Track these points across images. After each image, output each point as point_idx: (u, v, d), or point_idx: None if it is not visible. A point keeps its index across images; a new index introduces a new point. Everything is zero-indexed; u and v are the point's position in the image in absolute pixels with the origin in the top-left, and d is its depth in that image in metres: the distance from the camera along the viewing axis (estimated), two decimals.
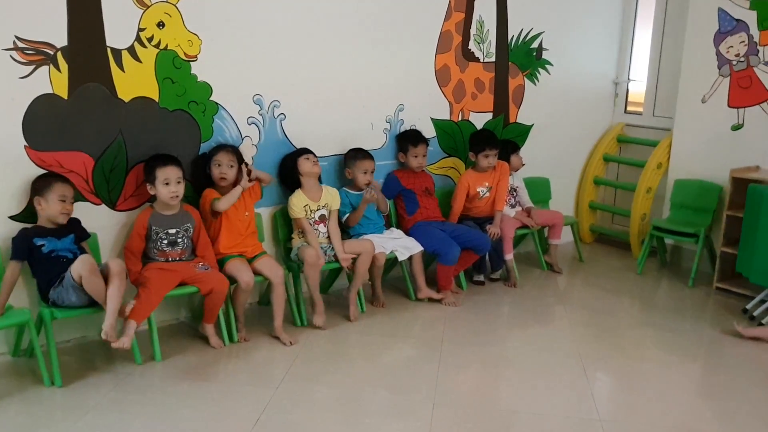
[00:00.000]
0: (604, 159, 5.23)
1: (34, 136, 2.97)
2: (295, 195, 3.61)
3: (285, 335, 3.33)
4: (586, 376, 3.10)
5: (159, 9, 3.19)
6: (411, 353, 3.33)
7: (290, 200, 3.59)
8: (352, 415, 2.72)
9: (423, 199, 4.13)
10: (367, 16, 3.90)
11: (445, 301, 3.92)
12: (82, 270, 2.76)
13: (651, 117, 5.09)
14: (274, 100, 3.63)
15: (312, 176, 3.63)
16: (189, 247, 3.27)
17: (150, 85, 3.23)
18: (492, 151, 4.18)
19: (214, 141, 3.45)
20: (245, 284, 3.25)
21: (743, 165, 4.23)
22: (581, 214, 5.26)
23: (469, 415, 2.74)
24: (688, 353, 3.39)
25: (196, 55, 3.33)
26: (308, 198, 3.61)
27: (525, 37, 4.65)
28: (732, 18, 4.35)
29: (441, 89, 4.34)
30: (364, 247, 3.64)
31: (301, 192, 3.61)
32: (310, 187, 3.63)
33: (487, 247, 4.10)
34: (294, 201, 3.58)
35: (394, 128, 4.17)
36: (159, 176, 3.11)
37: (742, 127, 4.38)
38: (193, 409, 2.70)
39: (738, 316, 3.81)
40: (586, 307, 4.04)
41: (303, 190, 3.62)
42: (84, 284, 2.77)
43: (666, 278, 4.59)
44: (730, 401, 2.92)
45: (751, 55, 4.29)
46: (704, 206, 4.46)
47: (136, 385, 2.89)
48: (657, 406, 2.85)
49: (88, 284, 2.77)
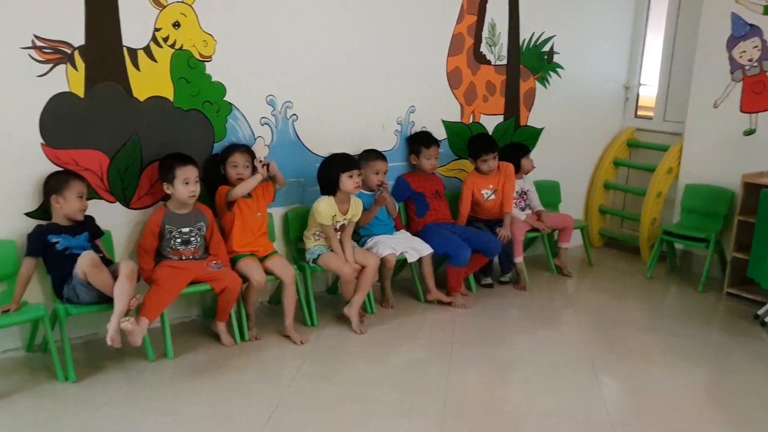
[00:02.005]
0: (614, 163, 5.23)
1: (51, 133, 3.01)
2: (325, 202, 3.52)
3: (296, 334, 3.34)
4: (596, 379, 3.10)
5: (175, 9, 3.22)
6: (420, 354, 3.34)
7: (318, 205, 3.51)
8: (361, 414, 2.73)
9: (433, 202, 4.14)
10: (379, 17, 3.92)
11: (454, 303, 3.93)
12: (84, 266, 2.79)
13: (662, 122, 5.09)
14: (287, 101, 3.66)
15: (351, 193, 3.60)
16: (202, 246, 3.29)
17: (165, 85, 3.26)
18: (490, 155, 4.17)
19: (227, 141, 3.48)
20: (257, 283, 3.27)
21: (755, 170, 4.22)
22: (591, 218, 5.26)
23: (478, 416, 2.75)
24: (698, 358, 3.38)
25: (211, 56, 3.36)
26: (338, 208, 3.56)
27: (537, 40, 4.66)
28: (745, 23, 4.34)
29: (452, 91, 4.36)
30: (369, 261, 3.58)
31: (333, 201, 3.55)
32: (342, 199, 3.58)
33: (497, 250, 4.10)
34: (323, 207, 3.50)
35: (405, 130, 4.18)
36: (179, 175, 3.13)
37: (754, 132, 4.37)
38: (204, 407, 2.73)
39: (750, 322, 3.81)
40: (595, 311, 4.04)
41: (335, 199, 3.56)
42: (90, 279, 2.80)
43: (675, 283, 4.59)
44: (740, 407, 2.91)
45: (765, 60, 4.28)
46: (715, 211, 4.45)
47: (148, 381, 2.91)
48: (667, 410, 2.85)
49: (93, 278, 2.80)
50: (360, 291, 3.57)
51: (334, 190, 3.57)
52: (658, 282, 4.57)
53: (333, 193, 3.57)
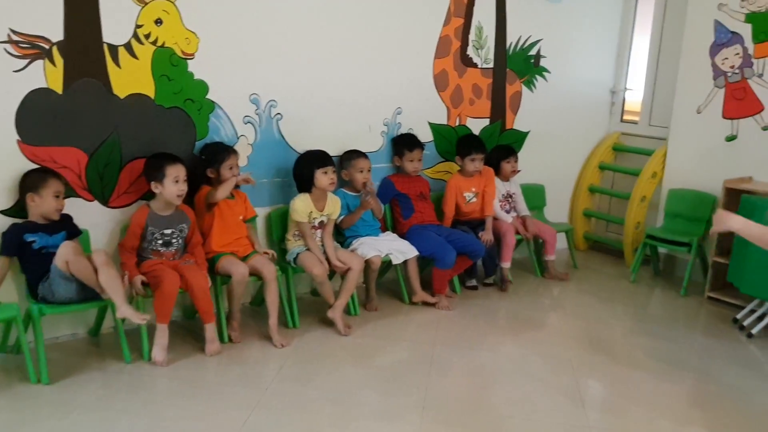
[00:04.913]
0: (599, 167, 5.24)
1: (27, 130, 2.95)
2: (301, 199, 3.54)
3: (278, 336, 3.30)
4: (578, 383, 3.09)
5: (157, 6, 3.18)
6: (403, 356, 3.31)
7: (294, 203, 3.53)
8: (341, 417, 2.69)
9: (418, 204, 4.12)
10: (366, 18, 3.90)
11: (438, 305, 3.91)
12: (66, 255, 2.74)
13: (647, 126, 5.11)
14: (271, 100, 3.62)
15: (326, 189, 3.60)
16: (182, 248, 3.26)
17: (146, 82, 3.21)
18: (478, 155, 4.18)
19: (209, 139, 3.44)
20: (240, 275, 3.21)
21: (737, 176, 4.24)
22: (576, 222, 5.26)
23: (458, 419, 2.73)
24: (680, 362, 3.38)
25: (194, 53, 3.32)
26: (314, 205, 3.56)
27: (523, 44, 4.66)
28: (728, 30, 4.37)
29: (439, 94, 4.34)
30: (354, 262, 3.56)
31: (309, 198, 3.56)
32: (318, 196, 3.58)
33: (482, 253, 4.09)
34: (299, 205, 3.51)
35: (391, 131, 4.16)
36: (170, 173, 3.08)
37: (736, 138, 4.40)
38: (181, 409, 2.68)
39: (729, 326, 3.83)
40: (579, 314, 4.03)
41: (311, 196, 3.57)
42: (71, 268, 2.74)
43: (659, 287, 4.60)
44: (722, 411, 2.91)
45: (746, 67, 4.31)
46: (698, 216, 4.47)
47: (125, 383, 2.86)
48: (648, 414, 2.84)
49: (75, 267, 2.74)
50: (343, 293, 3.54)
51: (309, 187, 3.56)
52: (642, 285, 4.58)
53: (308, 190, 3.56)
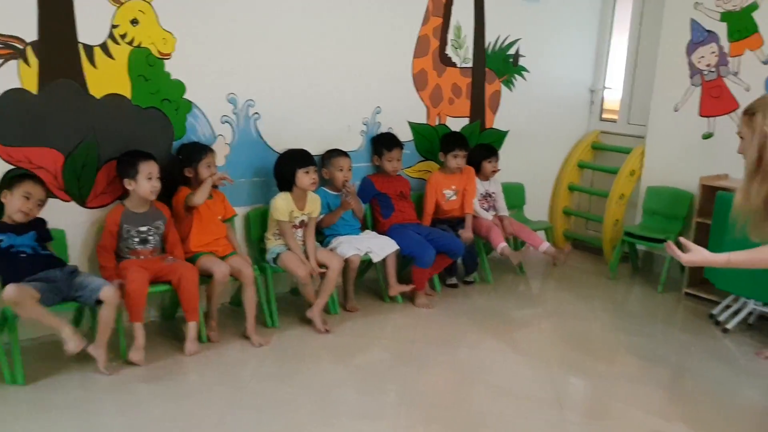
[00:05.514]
0: (579, 166, 5.28)
1: (2, 131, 2.93)
2: (282, 198, 3.53)
3: (256, 337, 3.30)
4: (557, 379, 3.12)
5: (133, 6, 3.17)
6: (382, 355, 3.33)
7: (276, 201, 3.52)
8: (320, 415, 2.71)
9: (398, 203, 4.13)
10: (344, 17, 3.90)
11: (418, 303, 3.93)
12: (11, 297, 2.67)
13: (626, 125, 5.15)
14: (249, 100, 3.62)
15: (307, 189, 3.59)
16: (159, 245, 3.25)
17: (122, 82, 3.20)
18: (461, 152, 4.21)
19: (186, 139, 3.44)
20: (221, 275, 3.20)
21: (713, 173, 4.29)
22: (556, 220, 5.30)
23: (436, 416, 2.75)
24: (658, 358, 3.42)
25: (170, 53, 3.31)
26: (295, 204, 3.56)
27: (502, 43, 4.69)
28: (704, 29, 4.43)
29: (418, 93, 4.36)
30: (332, 262, 3.55)
31: (290, 197, 3.55)
32: (299, 196, 3.58)
33: (461, 251, 4.12)
34: (280, 204, 3.51)
35: (371, 130, 4.17)
36: (143, 170, 3.08)
37: (712, 136, 4.45)
38: (159, 409, 2.68)
39: (706, 321, 3.88)
40: (558, 311, 4.07)
41: (292, 195, 3.56)
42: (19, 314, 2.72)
43: (638, 284, 4.65)
44: (699, 405, 2.95)
45: (722, 65, 4.37)
46: (675, 213, 4.52)
47: (102, 383, 2.85)
48: (627, 410, 2.87)
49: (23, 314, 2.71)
50: (323, 293, 3.54)
51: (290, 186, 3.56)
52: (621, 282, 4.63)
53: (289, 189, 3.56)
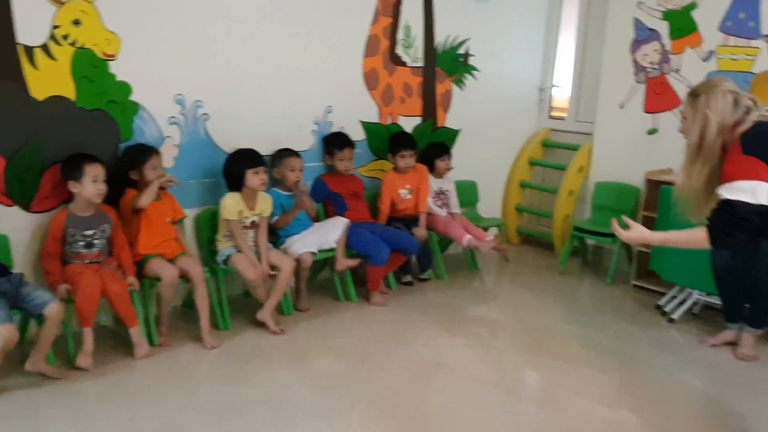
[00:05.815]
0: (530, 163, 5.38)
1: None
2: (231, 197, 3.52)
3: (209, 338, 3.28)
4: (511, 373, 3.18)
5: (74, 7, 3.11)
6: (337, 354, 3.33)
7: (225, 201, 3.50)
8: (275, 416, 2.70)
9: (351, 202, 4.15)
10: (294, 17, 3.90)
11: (373, 302, 3.95)
12: None
13: (574, 122, 5.28)
14: (197, 100, 3.59)
15: (257, 190, 3.58)
16: (105, 249, 3.20)
17: (66, 84, 3.15)
18: (408, 152, 4.25)
19: (134, 141, 3.39)
20: (170, 278, 3.17)
21: (658, 168, 4.43)
22: (508, 217, 5.39)
23: (390, 413, 2.77)
24: (608, 348, 3.50)
25: (115, 54, 3.27)
26: (244, 204, 3.54)
27: (452, 42, 4.75)
28: (646, 28, 4.57)
29: (370, 92, 4.39)
30: (284, 264, 3.54)
31: (239, 197, 3.54)
32: (249, 196, 3.56)
33: (415, 249, 4.16)
34: (229, 203, 3.49)
35: (322, 130, 4.18)
36: (89, 173, 3.04)
37: (657, 132, 4.60)
38: (108, 413, 2.65)
39: (653, 312, 4.00)
40: (511, 305, 4.15)
41: (241, 195, 3.54)
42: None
43: (587, 277, 4.76)
44: (648, 392, 3.04)
45: (664, 63, 4.51)
46: (623, 208, 4.63)
47: (49, 389, 2.80)
48: (579, 400, 2.94)
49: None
50: (273, 294, 3.53)
51: (239, 187, 3.55)
52: (571, 276, 4.74)
53: (239, 189, 3.55)
